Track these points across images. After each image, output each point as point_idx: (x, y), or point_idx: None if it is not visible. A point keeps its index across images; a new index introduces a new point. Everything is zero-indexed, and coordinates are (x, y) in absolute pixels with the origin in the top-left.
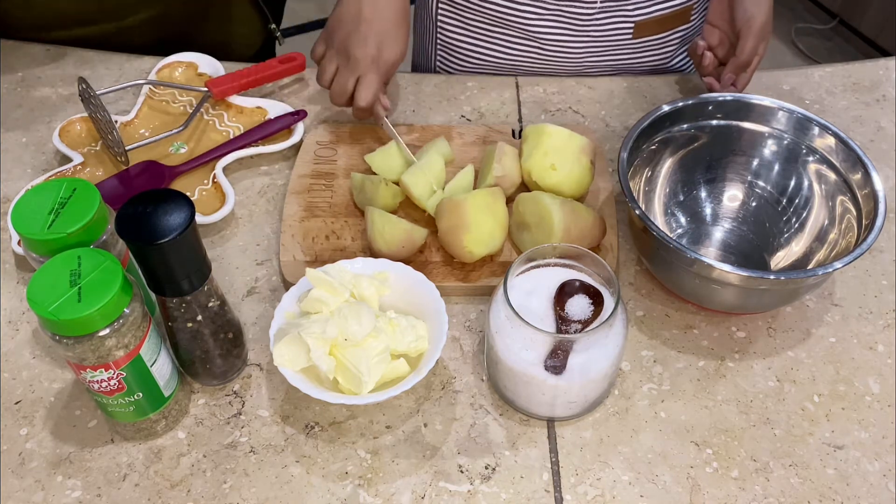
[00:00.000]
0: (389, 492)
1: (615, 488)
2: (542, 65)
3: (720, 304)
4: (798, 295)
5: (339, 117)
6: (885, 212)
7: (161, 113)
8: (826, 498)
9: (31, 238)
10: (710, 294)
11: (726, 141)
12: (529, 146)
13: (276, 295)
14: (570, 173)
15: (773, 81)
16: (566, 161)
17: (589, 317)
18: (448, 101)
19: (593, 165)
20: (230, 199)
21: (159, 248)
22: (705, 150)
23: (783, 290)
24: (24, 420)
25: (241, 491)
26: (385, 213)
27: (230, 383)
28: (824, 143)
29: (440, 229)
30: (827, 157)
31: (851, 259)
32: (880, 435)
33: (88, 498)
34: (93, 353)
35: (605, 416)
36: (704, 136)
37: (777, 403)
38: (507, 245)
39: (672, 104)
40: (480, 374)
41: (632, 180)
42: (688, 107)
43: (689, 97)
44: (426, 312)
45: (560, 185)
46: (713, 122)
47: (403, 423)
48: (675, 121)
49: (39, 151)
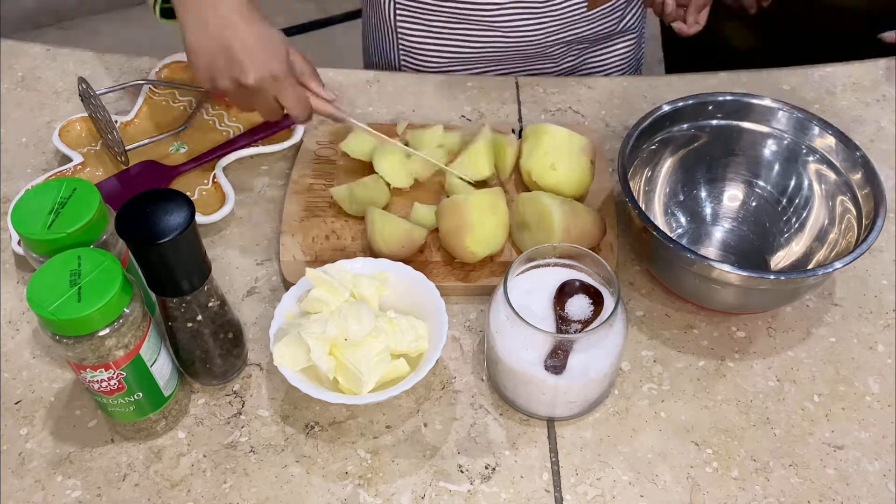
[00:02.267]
0: (389, 492)
1: (615, 488)
2: (504, 52)
3: (720, 304)
4: (798, 295)
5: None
6: (886, 212)
7: (161, 113)
8: (826, 498)
9: (31, 238)
10: (709, 294)
11: (726, 141)
12: (529, 146)
13: (276, 295)
14: (570, 173)
15: (774, 81)
16: (566, 161)
17: (589, 317)
18: (448, 101)
19: (593, 165)
20: (230, 199)
21: (159, 247)
22: (705, 150)
23: (783, 289)
24: (24, 420)
25: (241, 491)
26: (385, 213)
27: (230, 383)
28: (824, 143)
29: (441, 230)
30: (827, 156)
31: (851, 259)
32: (880, 435)
33: (88, 498)
34: (93, 353)
35: (605, 416)
36: (704, 136)
37: (777, 403)
38: (508, 245)
39: (672, 104)
40: (480, 374)
41: (632, 180)
42: (688, 107)
43: (689, 97)
44: (426, 312)
45: (560, 185)
46: (713, 122)
47: (403, 423)
48: (675, 121)
49: (39, 151)
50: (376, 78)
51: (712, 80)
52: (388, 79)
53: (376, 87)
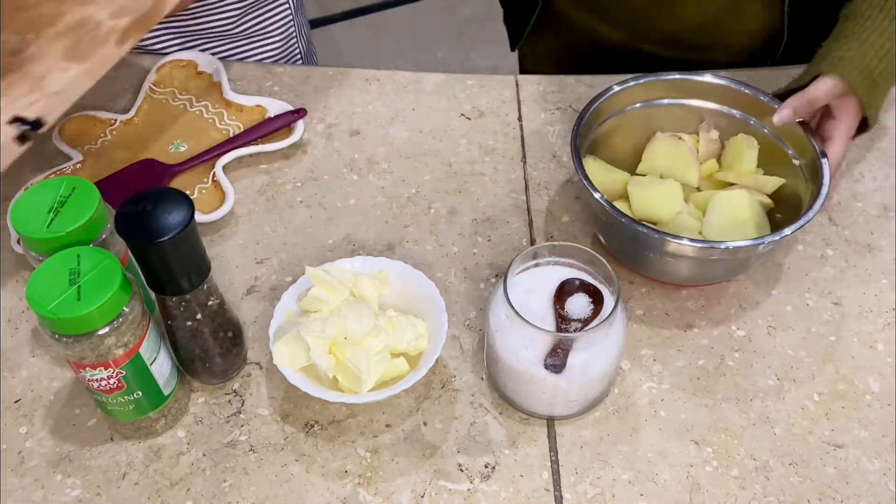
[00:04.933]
0: (389, 490)
1: (615, 487)
2: None
3: (675, 277)
4: (751, 264)
5: (340, 117)
6: (829, 180)
7: (161, 111)
8: (826, 497)
9: (31, 237)
10: (664, 267)
11: (676, 119)
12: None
13: (275, 293)
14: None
15: (774, 80)
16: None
17: (589, 315)
18: (448, 100)
19: None
20: (230, 198)
21: (159, 246)
22: (657, 128)
23: (734, 259)
24: (23, 419)
25: (240, 490)
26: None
27: (230, 382)
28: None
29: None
30: (774, 131)
31: (799, 227)
32: (880, 434)
33: (88, 496)
34: (92, 352)
35: (604, 415)
36: (655, 115)
37: (777, 402)
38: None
39: (622, 84)
40: (480, 373)
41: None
42: (638, 86)
43: (639, 76)
44: (426, 311)
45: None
46: (664, 101)
47: (403, 422)
48: (627, 100)
49: (39, 150)
50: (376, 77)
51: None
52: (388, 78)
53: (376, 85)
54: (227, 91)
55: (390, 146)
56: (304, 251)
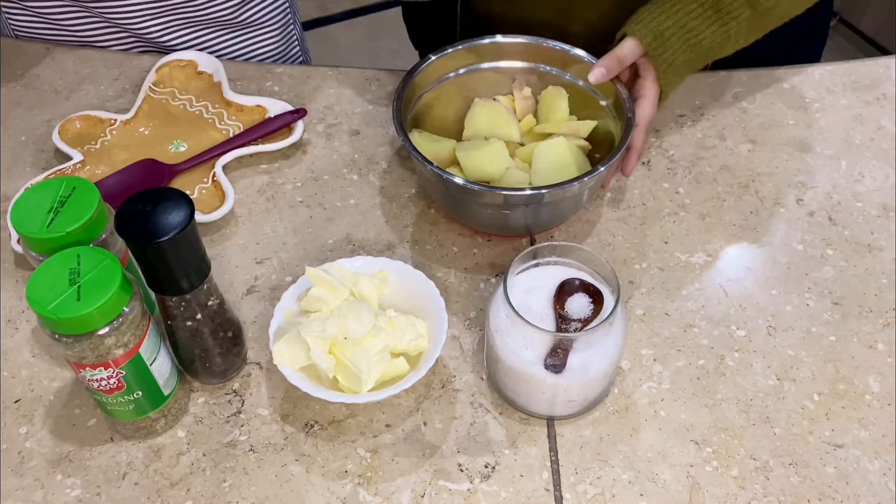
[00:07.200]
0: (389, 490)
1: (615, 487)
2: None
3: (520, 228)
4: (582, 202)
5: (340, 117)
6: (633, 116)
7: (161, 111)
8: (826, 497)
9: (31, 236)
10: (503, 220)
11: (486, 82)
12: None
13: (275, 293)
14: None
15: (773, 79)
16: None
17: (589, 315)
18: None
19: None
20: (230, 198)
21: (159, 246)
22: (475, 93)
23: (570, 197)
24: (23, 419)
25: (240, 490)
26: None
27: (230, 382)
28: (582, 71)
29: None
30: (579, 79)
31: (611, 161)
32: (880, 433)
33: (88, 496)
34: (92, 352)
35: (604, 415)
36: (471, 82)
37: (777, 402)
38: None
39: (439, 53)
40: (480, 373)
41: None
42: (457, 52)
43: (457, 43)
44: (426, 311)
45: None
46: (479, 67)
47: (403, 422)
48: (441, 71)
49: (39, 150)
50: (376, 77)
51: (711, 79)
52: (388, 77)
53: (376, 85)
54: (227, 91)
55: (390, 146)
56: (304, 251)
